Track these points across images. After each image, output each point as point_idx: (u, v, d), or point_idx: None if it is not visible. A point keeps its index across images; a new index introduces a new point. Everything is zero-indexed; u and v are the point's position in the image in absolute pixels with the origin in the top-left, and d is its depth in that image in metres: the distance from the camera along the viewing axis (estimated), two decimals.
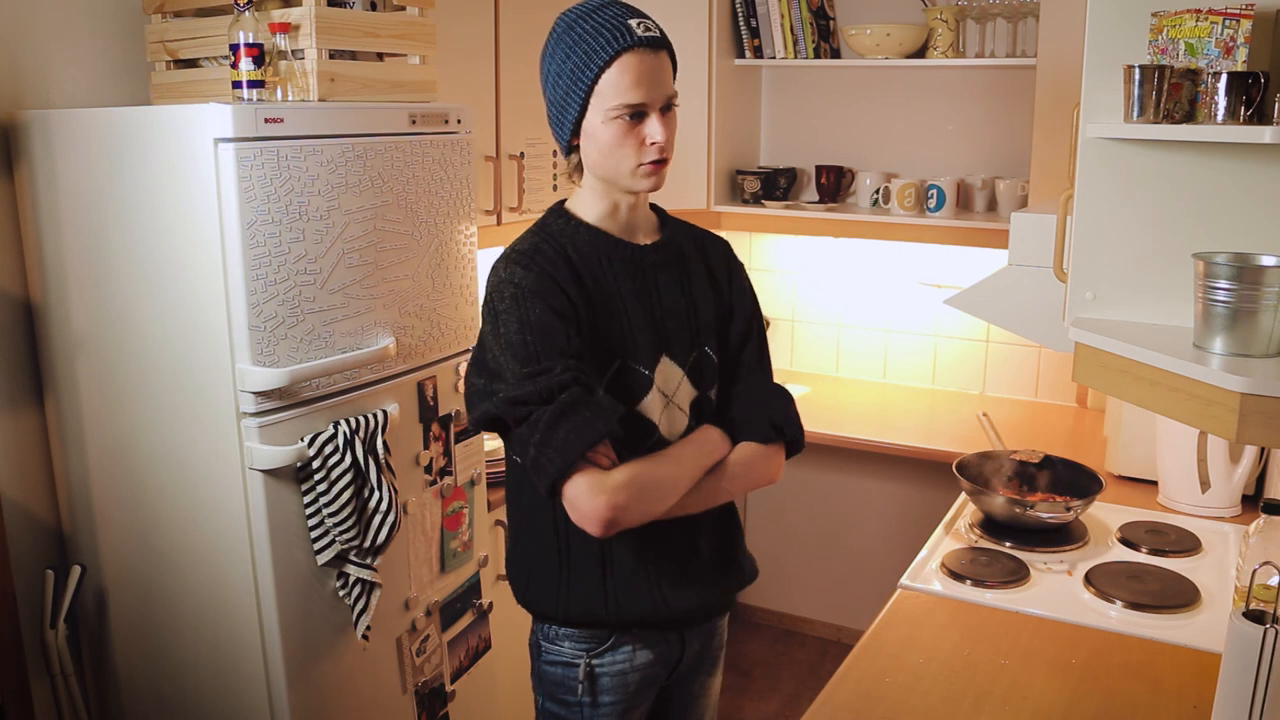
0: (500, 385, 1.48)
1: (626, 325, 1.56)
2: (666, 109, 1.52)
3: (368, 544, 1.97)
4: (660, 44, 1.50)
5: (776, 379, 1.74)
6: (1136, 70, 1.37)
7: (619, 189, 1.57)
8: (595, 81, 1.48)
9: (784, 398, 1.69)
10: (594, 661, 1.62)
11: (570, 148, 1.56)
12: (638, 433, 1.55)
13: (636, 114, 1.49)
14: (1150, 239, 1.47)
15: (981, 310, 2.22)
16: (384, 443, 2.00)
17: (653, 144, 1.50)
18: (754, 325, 1.71)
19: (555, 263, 1.52)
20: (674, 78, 1.54)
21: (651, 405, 1.56)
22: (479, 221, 2.31)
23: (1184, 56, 1.37)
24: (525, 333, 1.47)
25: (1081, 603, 1.89)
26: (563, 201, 1.65)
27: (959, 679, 1.65)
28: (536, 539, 1.62)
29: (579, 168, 1.58)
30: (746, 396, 1.66)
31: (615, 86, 1.47)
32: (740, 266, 1.75)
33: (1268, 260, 1.33)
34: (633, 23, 1.48)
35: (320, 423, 1.92)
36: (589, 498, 1.43)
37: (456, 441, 2.27)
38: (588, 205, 1.60)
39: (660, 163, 1.53)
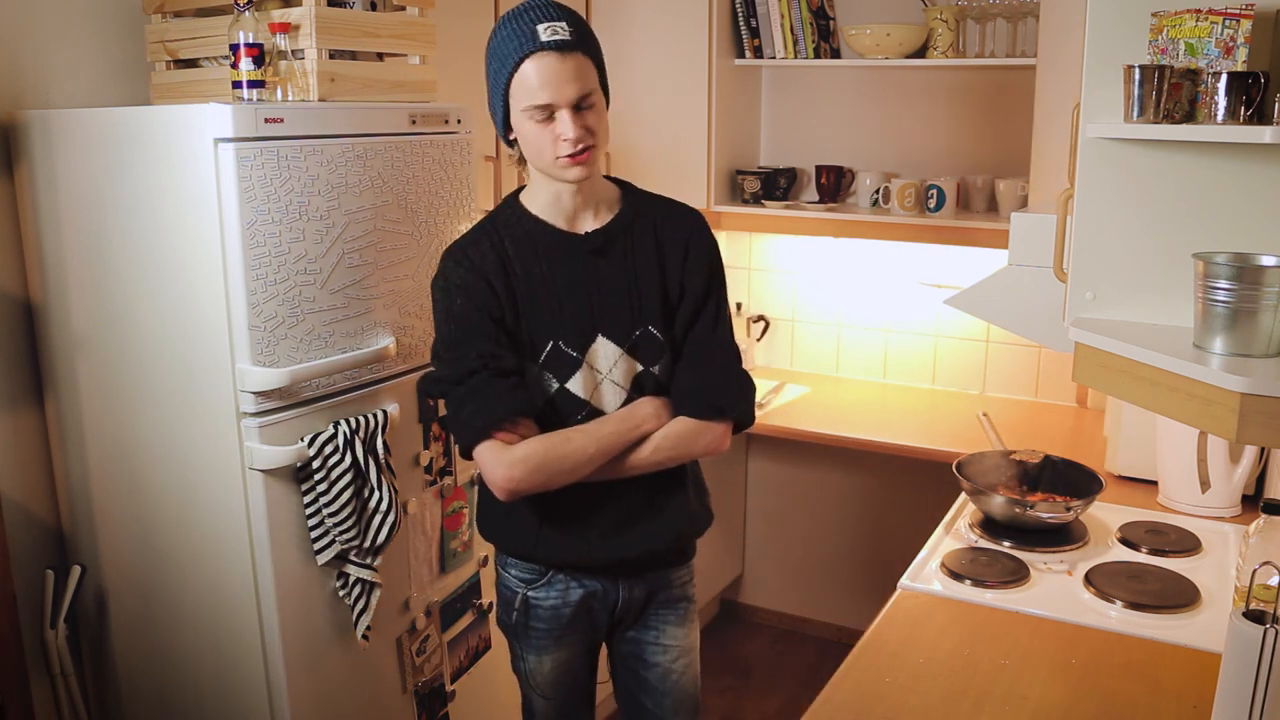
0: (436, 363, 1.74)
1: (556, 311, 1.72)
2: (584, 105, 1.62)
3: (368, 544, 1.97)
4: (570, 45, 1.60)
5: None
6: (1136, 70, 1.37)
7: (555, 178, 1.69)
8: (508, 85, 1.63)
9: (734, 377, 1.78)
10: (530, 594, 1.85)
11: (509, 142, 1.71)
12: (568, 407, 1.73)
13: (547, 113, 1.61)
14: (1150, 239, 1.47)
15: (981, 310, 2.22)
16: (384, 443, 2.00)
17: (564, 140, 1.62)
18: (708, 302, 1.78)
19: (487, 257, 1.71)
20: (597, 73, 1.66)
21: (580, 383, 1.73)
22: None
23: (1184, 56, 1.37)
24: (450, 322, 1.71)
25: (1081, 603, 1.89)
26: (520, 189, 1.79)
27: (959, 679, 1.65)
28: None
29: (521, 159, 1.72)
30: (689, 373, 1.77)
31: (522, 89, 1.61)
32: (702, 242, 1.80)
33: (1268, 260, 1.33)
34: (540, 28, 1.59)
35: (320, 423, 1.92)
36: (490, 468, 1.67)
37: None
38: (534, 194, 1.75)
39: (577, 155, 1.63)
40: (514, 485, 1.66)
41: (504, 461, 1.65)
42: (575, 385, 1.73)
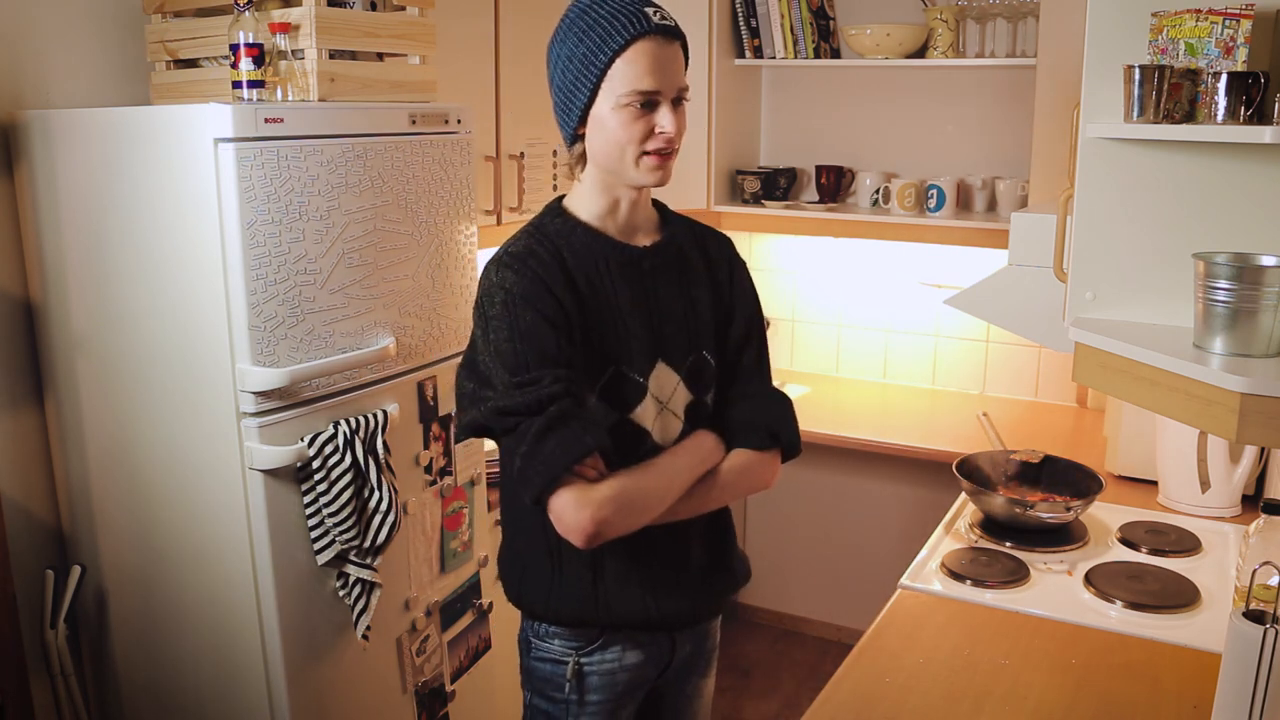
0: (489, 392, 1.46)
1: (622, 331, 1.53)
2: (677, 101, 1.49)
3: (368, 544, 1.97)
4: (675, 34, 1.48)
5: (776, 379, 1.72)
6: (1136, 70, 1.37)
7: (622, 183, 1.53)
8: (608, 67, 1.45)
9: (783, 403, 1.67)
10: (582, 660, 1.62)
11: (575, 137, 1.53)
12: (631, 440, 1.53)
13: (648, 103, 1.46)
14: (1150, 239, 1.47)
15: (981, 310, 2.22)
16: (384, 443, 2.00)
17: (661, 133, 1.47)
18: (754, 327, 1.68)
19: (549, 266, 1.49)
20: (685, 71, 1.52)
21: (645, 413, 1.55)
22: (479, 221, 2.31)
23: (1184, 56, 1.37)
24: (515, 340, 1.45)
25: (1081, 603, 1.89)
26: (560, 199, 1.62)
27: (959, 679, 1.65)
28: (529, 539, 1.61)
29: (582, 159, 1.54)
30: (744, 402, 1.63)
31: (627, 73, 1.44)
32: (742, 265, 1.71)
33: (1268, 260, 1.33)
34: (649, 10, 1.46)
35: (320, 423, 1.92)
36: (574, 511, 1.42)
37: (456, 441, 2.27)
38: (586, 203, 1.57)
39: (667, 155, 1.50)
40: (601, 529, 1.43)
41: (592, 502, 1.42)
42: (641, 415, 1.54)
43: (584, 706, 1.64)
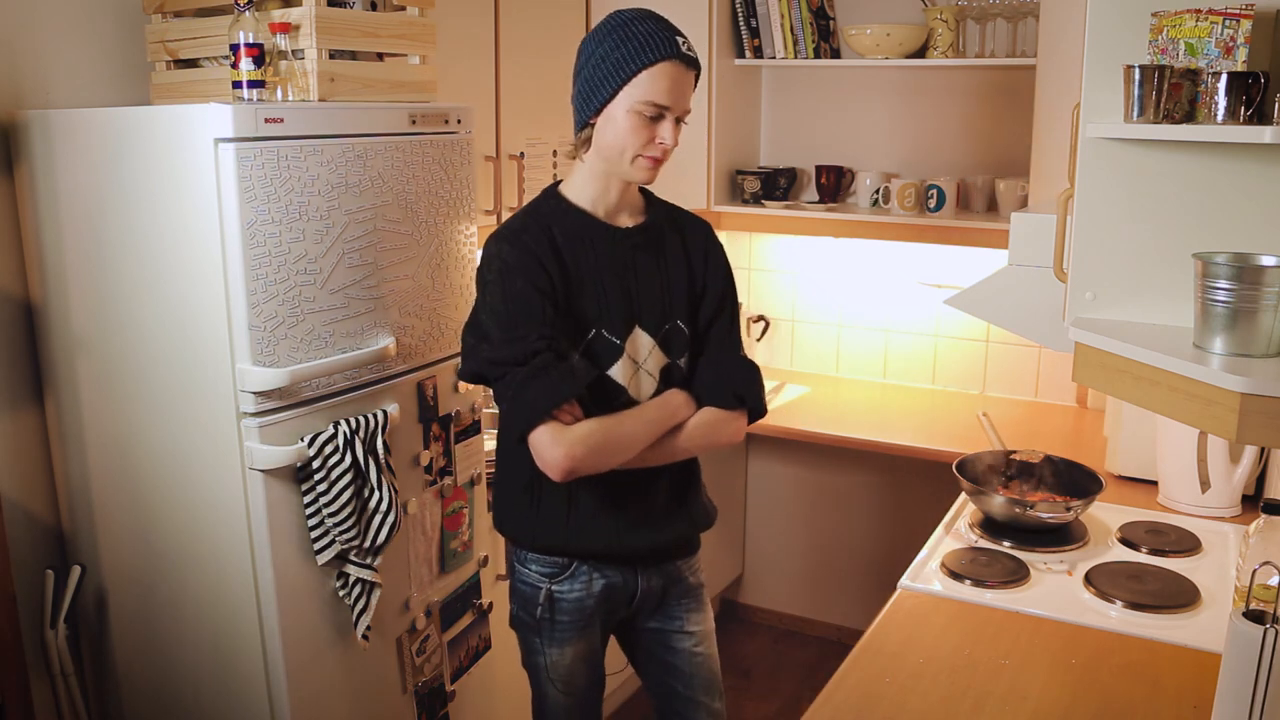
0: (485, 346, 1.74)
1: (602, 299, 1.78)
2: (679, 120, 1.75)
3: (368, 544, 1.97)
4: (695, 65, 1.76)
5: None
6: (1136, 70, 1.37)
7: (616, 174, 1.78)
8: (634, 75, 1.69)
9: (749, 370, 1.89)
10: (554, 587, 1.88)
11: (585, 124, 1.76)
12: (608, 393, 1.78)
13: (656, 115, 1.71)
14: (1150, 239, 1.47)
15: (981, 310, 2.22)
16: (384, 443, 2.00)
17: (660, 144, 1.73)
18: (726, 303, 1.91)
19: (540, 242, 1.75)
20: (691, 96, 1.78)
21: (621, 370, 1.80)
22: (479, 221, 2.31)
23: (1184, 56, 1.37)
24: (508, 303, 1.72)
25: (1081, 603, 1.89)
26: (557, 184, 1.86)
27: (959, 679, 1.65)
28: (515, 475, 1.86)
29: (585, 144, 1.78)
30: (713, 366, 1.87)
31: (648, 86, 1.70)
32: (718, 248, 1.93)
33: (1268, 260, 1.33)
34: (679, 40, 1.73)
35: (320, 423, 1.92)
36: (550, 448, 1.69)
37: (456, 441, 2.27)
38: (580, 187, 1.82)
39: (658, 161, 1.75)
40: (574, 464, 1.69)
41: (565, 441, 1.68)
42: (616, 372, 1.79)
43: (555, 624, 1.90)
